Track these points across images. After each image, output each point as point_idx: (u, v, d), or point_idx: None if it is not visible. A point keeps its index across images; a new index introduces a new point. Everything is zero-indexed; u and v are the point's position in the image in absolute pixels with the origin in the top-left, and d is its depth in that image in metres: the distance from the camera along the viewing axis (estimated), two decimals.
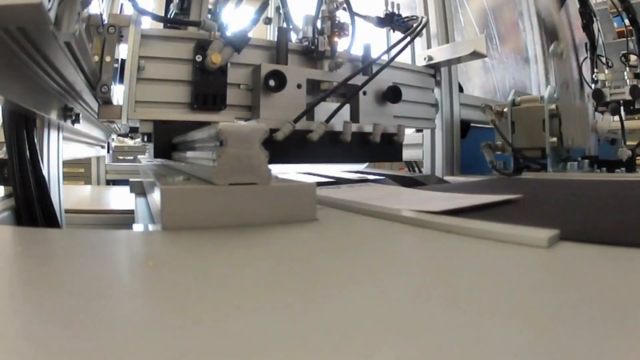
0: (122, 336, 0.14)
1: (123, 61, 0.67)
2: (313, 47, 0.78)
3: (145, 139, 0.68)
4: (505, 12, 1.96)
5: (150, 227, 0.45)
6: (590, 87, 1.91)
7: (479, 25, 1.73)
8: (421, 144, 1.19)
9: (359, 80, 0.78)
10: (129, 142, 2.51)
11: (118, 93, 0.70)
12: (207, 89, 0.68)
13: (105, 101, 0.66)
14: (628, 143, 1.09)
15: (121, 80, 0.67)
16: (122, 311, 0.17)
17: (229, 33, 0.67)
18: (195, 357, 0.13)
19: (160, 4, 0.91)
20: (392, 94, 0.83)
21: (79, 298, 0.18)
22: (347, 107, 0.79)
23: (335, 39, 0.79)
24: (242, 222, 0.33)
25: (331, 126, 0.74)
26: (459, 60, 1.04)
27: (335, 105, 0.75)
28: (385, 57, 0.84)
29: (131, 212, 0.75)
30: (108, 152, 2.00)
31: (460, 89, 1.20)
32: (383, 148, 0.82)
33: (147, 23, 0.69)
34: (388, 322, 0.16)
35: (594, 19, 1.92)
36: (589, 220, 0.39)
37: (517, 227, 0.29)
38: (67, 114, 0.82)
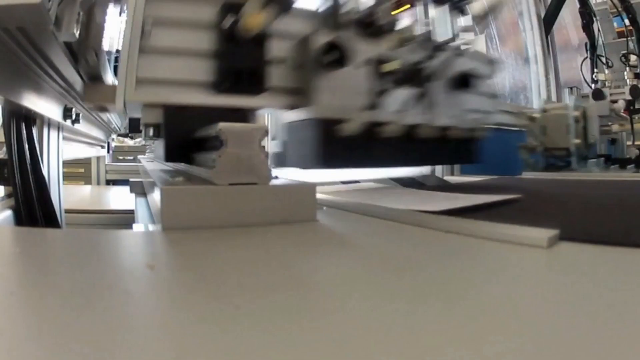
0: (122, 336, 0.14)
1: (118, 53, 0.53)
2: (369, 21, 0.59)
3: (152, 132, 0.48)
4: (505, 12, 1.96)
5: (150, 227, 0.45)
6: (590, 87, 1.91)
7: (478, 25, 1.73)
8: None
9: (439, 65, 0.62)
10: (129, 142, 2.51)
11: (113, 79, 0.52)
12: (240, 63, 0.49)
13: (92, 77, 0.48)
14: (636, 142, 1.19)
15: (117, 61, 0.49)
16: (122, 311, 0.17)
17: None
18: (195, 357, 0.13)
19: None
20: (465, 83, 0.68)
21: (79, 298, 0.18)
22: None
23: (399, 10, 0.61)
24: (242, 222, 0.33)
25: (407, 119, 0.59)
26: None
27: (406, 92, 0.59)
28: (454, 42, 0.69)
29: (131, 212, 0.75)
30: (108, 152, 2.00)
31: None
32: (459, 146, 0.69)
33: None
34: (388, 322, 0.16)
35: (594, 19, 1.92)
36: (588, 220, 0.39)
37: (517, 227, 0.29)
38: (67, 114, 0.82)
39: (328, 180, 0.80)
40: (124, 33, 0.45)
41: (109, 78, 0.52)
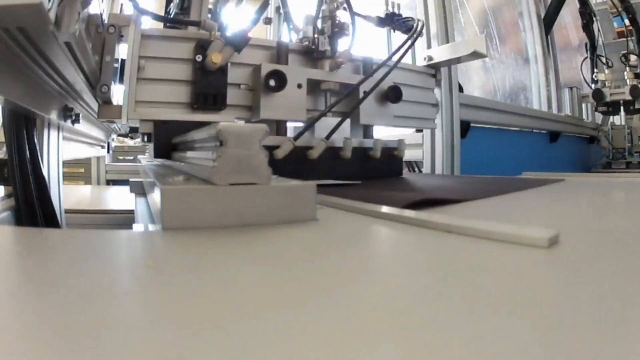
0: (122, 336, 0.14)
1: (123, 61, 0.67)
2: (313, 47, 0.78)
3: (146, 139, 0.68)
4: (505, 12, 1.96)
5: (150, 227, 0.45)
6: (590, 87, 1.91)
7: (479, 25, 1.73)
8: (421, 144, 1.19)
9: (358, 81, 0.78)
10: (129, 142, 2.51)
11: (118, 93, 0.70)
12: (208, 88, 0.68)
13: (105, 101, 0.67)
14: None
15: (121, 80, 0.67)
16: (122, 311, 0.17)
17: (229, 33, 0.67)
18: (195, 357, 0.13)
19: (160, 4, 0.91)
20: (393, 94, 0.83)
21: (79, 298, 0.18)
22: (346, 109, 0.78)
23: (336, 39, 0.79)
24: (242, 222, 0.33)
25: (331, 142, 0.73)
26: (458, 60, 1.05)
27: (336, 120, 0.74)
28: (386, 59, 0.83)
29: (131, 212, 0.75)
30: (108, 152, 2.01)
31: (460, 89, 1.20)
32: (384, 163, 0.82)
33: (147, 23, 0.68)
34: (388, 322, 0.16)
35: (594, 19, 1.92)
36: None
37: (517, 227, 0.29)
38: (67, 114, 0.82)
39: None
40: (125, 68, 0.64)
41: (116, 101, 0.70)
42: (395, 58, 0.80)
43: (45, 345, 0.13)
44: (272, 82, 0.71)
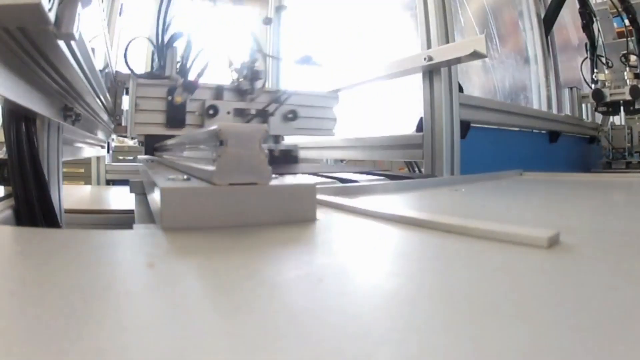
0: (122, 336, 0.14)
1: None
2: (241, 87, 1.18)
3: (140, 144, 1.23)
4: (505, 12, 1.96)
5: (150, 227, 0.45)
6: (590, 87, 1.91)
7: (479, 25, 1.73)
8: (421, 144, 1.19)
9: (272, 107, 1.19)
10: (129, 142, 2.51)
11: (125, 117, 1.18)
12: (176, 115, 1.10)
13: (118, 123, 1.26)
14: None
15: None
16: (122, 311, 0.17)
17: (186, 81, 1.06)
18: (195, 358, 0.13)
19: (147, 61, 1.40)
20: (292, 115, 1.24)
21: (78, 298, 0.18)
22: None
23: (254, 81, 1.18)
24: (242, 222, 0.33)
25: None
26: (459, 60, 1.05)
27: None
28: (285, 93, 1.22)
29: (131, 212, 0.75)
30: (108, 152, 2.00)
31: (460, 89, 1.20)
32: (284, 160, 1.17)
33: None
34: (388, 322, 0.16)
35: (594, 19, 1.92)
36: None
37: (517, 227, 0.29)
38: (67, 114, 0.82)
39: None
40: (129, 104, 1.10)
41: (124, 122, 1.22)
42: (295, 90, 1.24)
43: (45, 345, 0.13)
44: (211, 111, 1.13)
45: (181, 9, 1.22)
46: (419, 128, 1.22)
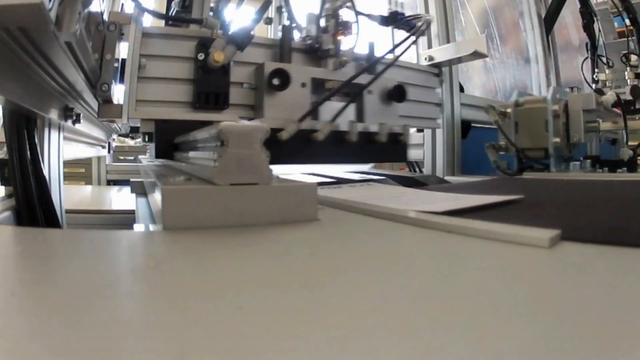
0: (122, 336, 0.14)
1: (124, 60, 0.66)
2: (317, 46, 0.77)
3: (147, 138, 0.66)
4: (506, 12, 1.96)
5: (151, 227, 0.45)
6: (591, 87, 1.91)
7: (479, 25, 1.73)
8: (422, 144, 1.19)
9: (363, 79, 0.76)
10: (130, 142, 2.51)
11: (119, 92, 0.69)
12: (210, 87, 0.66)
13: (105, 100, 0.65)
14: (630, 143, 1.09)
15: (122, 80, 0.65)
16: (123, 311, 0.17)
17: (231, 31, 0.66)
18: (195, 358, 0.13)
19: (161, 2, 0.90)
20: (398, 93, 0.82)
21: (79, 298, 0.18)
22: (352, 107, 0.78)
23: (339, 37, 0.77)
24: (243, 222, 0.33)
25: (336, 126, 0.73)
26: (459, 60, 1.04)
27: (340, 104, 0.74)
28: (389, 57, 0.83)
29: (132, 212, 0.75)
30: (109, 152, 2.00)
31: (461, 89, 1.20)
32: (388, 148, 0.80)
33: (148, 21, 0.67)
34: (388, 322, 0.16)
35: (595, 18, 1.92)
36: (591, 220, 0.39)
37: (518, 227, 0.29)
38: (68, 114, 0.82)
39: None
40: (126, 67, 0.63)
41: (116, 100, 0.68)
42: (397, 53, 0.81)
43: (46, 345, 0.13)
44: (275, 81, 0.69)
45: None
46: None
